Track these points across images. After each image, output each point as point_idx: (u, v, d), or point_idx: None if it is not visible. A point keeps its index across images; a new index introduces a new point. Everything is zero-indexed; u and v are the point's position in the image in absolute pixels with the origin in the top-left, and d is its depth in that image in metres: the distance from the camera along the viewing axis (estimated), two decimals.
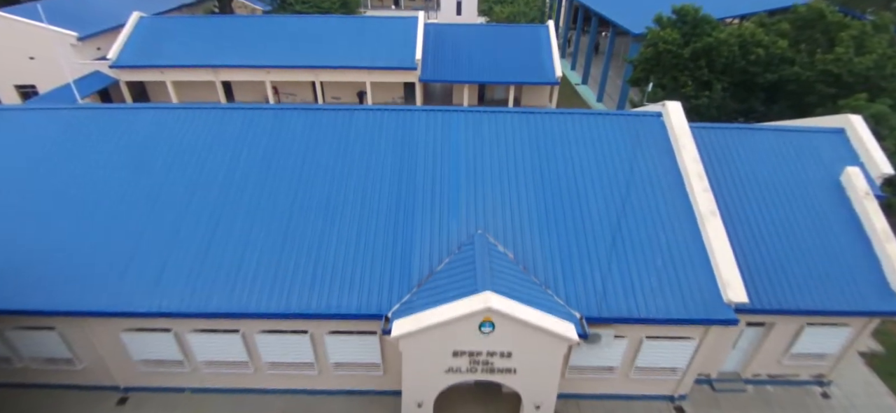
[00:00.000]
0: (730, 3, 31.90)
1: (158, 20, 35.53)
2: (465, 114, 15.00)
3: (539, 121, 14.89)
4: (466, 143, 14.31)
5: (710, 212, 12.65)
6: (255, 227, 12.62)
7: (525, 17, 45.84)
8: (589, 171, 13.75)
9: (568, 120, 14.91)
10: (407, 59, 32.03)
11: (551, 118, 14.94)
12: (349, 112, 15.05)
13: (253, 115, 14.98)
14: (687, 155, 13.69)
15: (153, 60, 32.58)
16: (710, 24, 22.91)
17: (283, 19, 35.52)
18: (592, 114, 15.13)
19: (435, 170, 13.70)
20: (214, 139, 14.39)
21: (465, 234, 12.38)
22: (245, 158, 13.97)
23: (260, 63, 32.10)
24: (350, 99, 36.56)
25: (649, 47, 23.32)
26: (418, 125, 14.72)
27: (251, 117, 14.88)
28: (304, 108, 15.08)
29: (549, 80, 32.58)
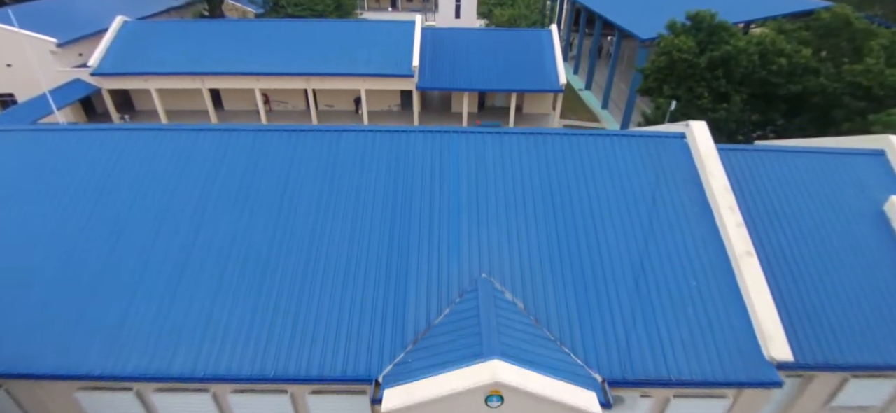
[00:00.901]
0: (745, 7, 30.41)
1: (143, 25, 33.96)
2: (466, 135, 13.47)
3: (549, 143, 13.37)
4: (468, 170, 12.78)
5: (746, 252, 11.15)
6: (228, 269, 11.08)
7: (526, 21, 44.37)
8: (606, 202, 12.23)
9: (581, 142, 13.38)
10: (403, 66, 30.49)
11: (562, 140, 13.42)
12: (337, 134, 13.51)
13: (229, 137, 13.42)
14: (716, 184, 12.19)
15: (136, 67, 30.99)
16: (727, 31, 21.43)
17: (274, 24, 33.98)
18: (608, 134, 13.62)
19: (433, 201, 12.16)
20: (186, 165, 12.83)
21: (468, 278, 10.86)
22: (219, 188, 12.42)
23: (249, 70, 30.54)
24: (345, 106, 35.05)
25: (662, 56, 21.82)
26: (414, 149, 13.19)
27: (227, 140, 13.33)
28: (286, 130, 13.54)
29: (553, 87, 31.09)
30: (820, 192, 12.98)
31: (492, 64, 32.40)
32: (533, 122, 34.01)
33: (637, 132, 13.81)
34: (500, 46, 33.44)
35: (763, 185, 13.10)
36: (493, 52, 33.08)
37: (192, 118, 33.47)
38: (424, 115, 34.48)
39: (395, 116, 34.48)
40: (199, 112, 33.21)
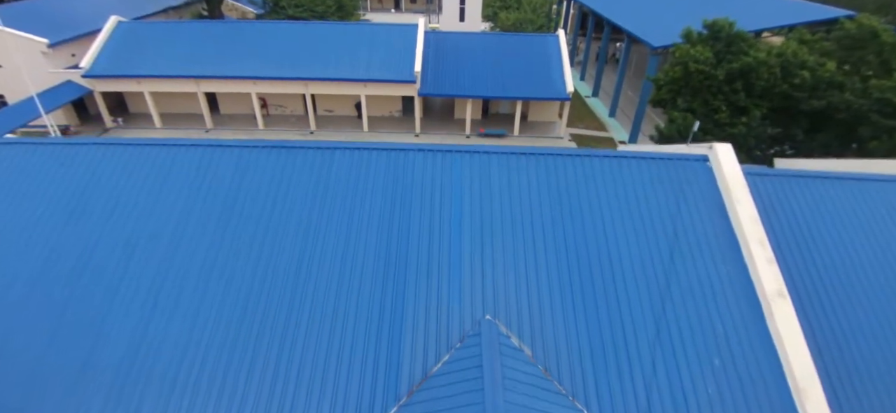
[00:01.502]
0: (759, 16, 29.24)
1: (138, 26, 32.99)
2: (469, 155, 12.37)
3: (560, 164, 12.26)
4: (472, 195, 11.69)
5: (777, 292, 10.01)
6: (203, 308, 10.00)
7: (532, 25, 43.24)
8: (624, 234, 11.11)
9: (595, 164, 12.27)
10: (405, 72, 29.44)
11: (574, 161, 12.31)
12: (329, 152, 12.43)
13: (212, 154, 12.35)
14: (744, 214, 11.06)
15: (129, 70, 30.03)
16: (746, 41, 20.28)
17: (273, 26, 32.98)
18: (624, 156, 12.49)
19: (432, 230, 11.07)
20: (163, 186, 11.77)
21: (470, 319, 9.76)
22: (199, 212, 11.35)
23: (245, 74, 29.53)
24: (345, 111, 34.03)
25: (677, 66, 20.68)
26: (413, 169, 12.10)
27: (209, 157, 12.26)
28: (274, 146, 12.46)
29: (560, 96, 30.01)
30: (857, 222, 11.85)
31: (497, 70, 31.33)
32: (538, 130, 32.92)
33: (655, 154, 12.69)
34: (506, 52, 32.36)
35: (793, 213, 11.97)
36: (498, 58, 32.01)
37: (187, 122, 32.54)
38: (426, 120, 33.42)
39: (397, 122, 33.43)
40: (195, 116, 32.26)
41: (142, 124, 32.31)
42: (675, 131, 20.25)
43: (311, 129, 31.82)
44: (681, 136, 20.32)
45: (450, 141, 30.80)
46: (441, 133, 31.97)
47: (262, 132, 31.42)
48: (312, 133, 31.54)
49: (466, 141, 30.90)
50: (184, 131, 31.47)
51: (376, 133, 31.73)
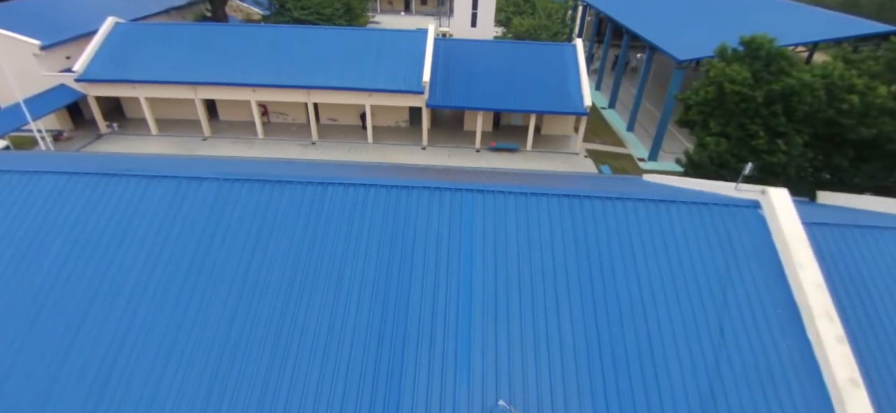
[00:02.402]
0: (796, 29, 27.29)
1: (136, 27, 31.67)
2: (481, 195, 10.72)
3: (588, 209, 10.57)
4: (484, 246, 10.03)
5: (850, 380, 8.28)
6: (167, 372, 8.46)
7: (547, 31, 41.48)
8: (663, 298, 9.40)
9: (629, 209, 10.56)
10: (413, 82, 27.83)
11: (604, 206, 10.60)
12: (321, 188, 10.82)
13: (187, 188, 10.79)
14: (808, 279, 9.31)
15: (125, 74, 28.70)
16: (788, 60, 18.43)
17: (275, 30, 31.50)
18: (663, 201, 10.76)
19: (437, 290, 9.43)
20: (131, 224, 10.23)
21: (480, 406, 8.12)
22: (168, 257, 9.79)
23: (244, 81, 28.07)
24: (349, 121, 32.50)
25: (710, 86, 18.85)
26: (416, 212, 10.46)
27: (184, 192, 10.70)
28: (258, 180, 10.87)
29: (577, 110, 28.27)
30: None
31: (510, 81, 29.64)
32: (553, 144, 31.17)
33: (698, 197, 10.94)
34: (520, 61, 30.66)
35: (861, 276, 10.18)
36: (511, 68, 30.32)
37: (184, 128, 31.16)
38: (434, 132, 31.79)
39: (403, 133, 31.83)
40: (193, 122, 30.87)
41: (138, 130, 30.97)
42: (706, 158, 18.44)
43: (313, 139, 30.31)
44: (712, 162, 18.51)
45: (459, 155, 29.15)
46: (449, 146, 30.33)
47: (261, 142, 29.94)
48: (314, 143, 30.02)
49: (476, 155, 29.24)
50: (180, 139, 30.08)
51: (381, 145, 30.15)
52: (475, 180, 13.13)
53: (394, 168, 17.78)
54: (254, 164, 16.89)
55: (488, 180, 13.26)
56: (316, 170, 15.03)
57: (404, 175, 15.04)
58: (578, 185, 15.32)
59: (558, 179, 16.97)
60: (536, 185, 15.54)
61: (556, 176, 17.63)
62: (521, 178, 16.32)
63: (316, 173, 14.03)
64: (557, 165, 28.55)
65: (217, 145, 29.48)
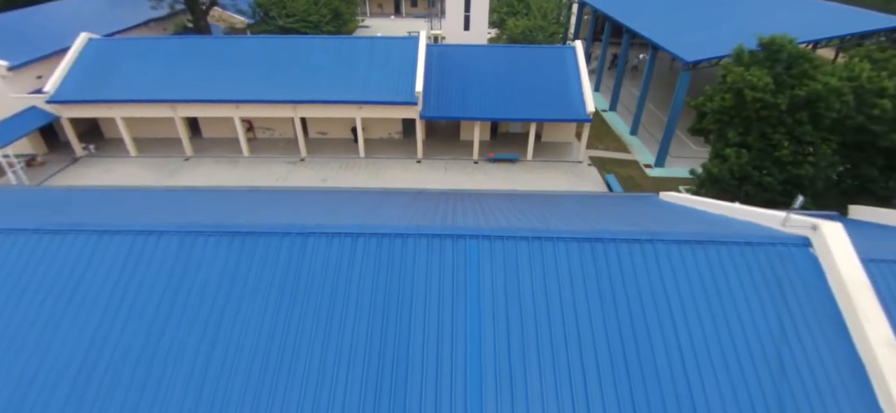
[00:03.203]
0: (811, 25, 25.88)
1: (110, 43, 29.97)
2: (489, 242, 9.19)
3: (613, 255, 9.06)
4: (494, 302, 8.51)
5: None
6: None
7: (543, 32, 39.98)
8: (709, 363, 7.92)
9: (661, 255, 9.06)
10: (405, 92, 26.29)
11: (633, 252, 9.10)
12: (301, 239, 9.27)
13: (144, 245, 9.21)
14: (877, 336, 7.86)
15: (99, 93, 27.03)
16: (811, 62, 16.98)
17: (258, 42, 29.84)
18: (697, 241, 9.27)
19: (440, 358, 7.91)
20: (74, 296, 8.66)
21: None
22: (120, 330, 8.24)
23: (227, 97, 26.45)
24: (340, 134, 30.91)
25: (727, 92, 17.38)
26: (413, 266, 8.93)
27: (139, 254, 9.12)
28: (226, 233, 9.30)
29: (580, 117, 26.79)
30: None
31: (507, 87, 28.13)
32: (554, 152, 29.69)
33: (736, 234, 9.44)
34: (517, 66, 29.14)
35: None
36: (508, 74, 28.80)
37: (165, 148, 29.49)
38: (430, 143, 30.24)
39: (397, 146, 30.26)
40: (174, 141, 29.20)
41: (116, 152, 29.27)
42: (726, 171, 16.98)
43: (302, 155, 28.70)
44: (733, 176, 17.05)
45: (456, 168, 27.61)
46: (446, 158, 28.79)
47: (246, 161, 28.30)
48: (303, 160, 28.42)
49: (474, 168, 27.71)
50: (161, 160, 28.41)
51: (374, 159, 28.58)
52: (481, 217, 11.63)
53: (386, 194, 16.24)
54: (232, 195, 15.32)
55: (494, 217, 11.75)
56: (299, 202, 13.48)
57: (398, 204, 13.53)
58: (591, 208, 13.85)
59: (566, 200, 15.49)
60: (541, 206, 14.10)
61: (564, 196, 16.14)
62: (528, 202, 14.84)
63: (300, 206, 12.51)
64: (560, 175, 27.07)
65: (199, 166, 27.83)
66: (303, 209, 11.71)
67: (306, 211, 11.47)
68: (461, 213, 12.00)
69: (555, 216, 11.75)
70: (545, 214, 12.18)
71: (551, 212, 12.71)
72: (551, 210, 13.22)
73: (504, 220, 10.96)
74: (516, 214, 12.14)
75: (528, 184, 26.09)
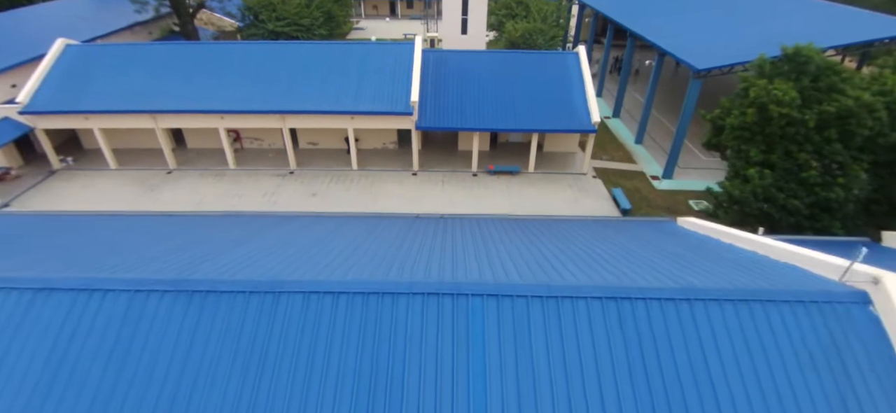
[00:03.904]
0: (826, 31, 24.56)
1: (89, 49, 28.39)
2: (496, 301, 7.78)
3: (642, 316, 7.66)
4: (503, 376, 7.12)
5: None
6: None
7: (543, 36, 38.62)
8: None
9: (699, 316, 7.67)
10: (400, 103, 24.85)
11: (666, 312, 7.70)
12: (272, 298, 7.84)
13: (85, 307, 7.77)
14: None
15: (75, 104, 25.48)
16: (839, 74, 15.63)
17: (245, 48, 28.34)
18: (741, 300, 7.88)
19: None
20: (4, 359, 7.21)
21: None
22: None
23: (211, 107, 24.96)
24: (332, 144, 29.45)
25: (751, 107, 16.01)
26: (406, 330, 7.51)
27: (79, 316, 7.68)
28: (184, 291, 7.87)
29: (584, 127, 25.43)
30: None
31: (508, 96, 26.73)
32: (557, 163, 28.30)
33: (788, 294, 8.04)
34: (518, 74, 27.75)
35: None
36: (508, 81, 27.40)
37: (147, 159, 27.97)
38: (426, 153, 28.82)
39: (392, 156, 28.82)
40: (157, 152, 27.65)
41: (95, 164, 27.72)
42: (749, 193, 15.61)
43: (291, 167, 27.23)
44: (756, 198, 15.70)
45: (454, 182, 26.20)
46: (443, 170, 27.37)
47: (232, 173, 26.81)
48: (292, 173, 26.94)
49: (473, 181, 26.31)
50: (142, 172, 26.89)
51: (368, 172, 27.14)
52: (484, 257, 10.22)
53: (379, 220, 14.80)
54: (203, 225, 13.86)
55: (498, 256, 10.33)
56: (278, 236, 12.04)
57: (390, 238, 12.11)
58: (605, 239, 12.47)
59: (576, 228, 14.10)
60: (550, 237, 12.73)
61: (573, 223, 14.75)
62: (535, 231, 13.44)
63: (277, 244, 11.08)
64: (564, 189, 25.68)
65: (182, 179, 26.32)
66: (279, 249, 10.27)
67: (282, 252, 10.03)
68: (461, 252, 10.59)
69: (567, 255, 10.36)
70: (556, 251, 10.79)
71: (562, 246, 11.32)
72: (562, 242, 11.84)
73: (511, 264, 9.56)
74: (523, 251, 10.75)
75: (529, 198, 24.72)
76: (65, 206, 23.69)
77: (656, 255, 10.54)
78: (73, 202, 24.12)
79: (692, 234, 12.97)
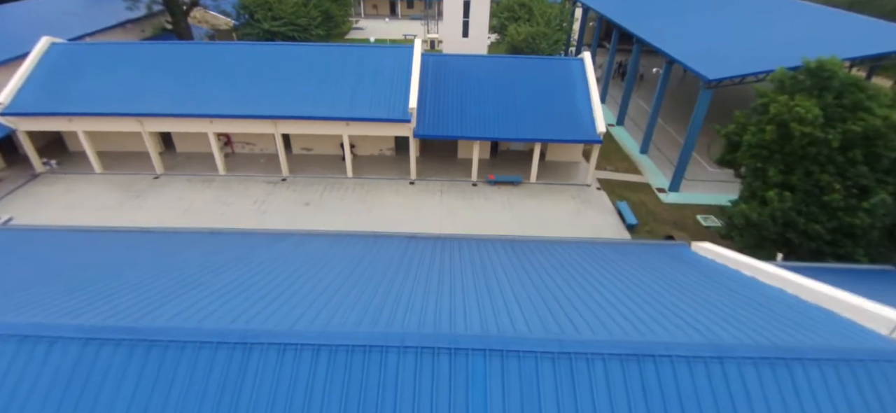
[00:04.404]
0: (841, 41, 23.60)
1: (75, 48, 27.29)
2: (500, 359, 6.78)
3: (668, 380, 6.67)
4: None
5: None
6: None
7: (546, 40, 37.65)
8: None
9: (732, 376, 6.68)
10: (397, 109, 23.85)
11: (694, 372, 6.71)
12: (242, 353, 6.81)
13: (28, 362, 6.74)
14: None
15: (58, 105, 24.44)
16: (864, 91, 14.67)
17: (236, 49, 27.25)
18: (778, 357, 6.90)
19: None
20: None
21: None
22: None
23: (200, 111, 23.92)
24: (327, 150, 28.44)
25: (771, 124, 15.03)
26: (396, 394, 6.50)
27: (20, 373, 6.64)
28: (142, 341, 6.85)
29: (589, 137, 24.46)
30: None
31: (510, 103, 25.74)
32: (559, 173, 27.33)
33: (831, 351, 7.05)
34: (520, 80, 26.77)
35: None
36: (511, 88, 26.42)
37: (135, 163, 26.93)
38: (424, 161, 27.83)
39: (389, 163, 27.81)
40: (144, 155, 26.61)
41: (80, 168, 26.66)
42: (768, 217, 14.64)
43: (284, 174, 26.19)
44: (775, 222, 14.73)
45: (453, 191, 25.20)
46: (442, 178, 26.37)
47: (222, 179, 25.77)
48: (284, 180, 25.91)
49: (473, 191, 25.32)
50: (129, 177, 25.83)
51: (363, 180, 26.13)
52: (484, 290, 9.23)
53: (374, 240, 13.80)
54: (180, 243, 12.83)
55: (500, 289, 9.33)
56: (259, 262, 11.02)
57: (383, 266, 11.11)
58: (616, 268, 11.50)
59: (583, 253, 13.12)
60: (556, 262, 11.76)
61: (579, 246, 13.76)
62: (539, 256, 12.46)
63: (256, 274, 10.06)
64: (567, 201, 24.71)
65: (170, 185, 25.26)
66: (257, 281, 9.26)
67: (260, 285, 9.02)
68: (460, 287, 9.59)
69: (576, 292, 9.37)
70: (563, 286, 9.80)
71: (569, 281, 10.33)
72: (569, 275, 10.85)
73: (515, 303, 8.57)
74: (527, 286, 9.76)
75: (531, 210, 23.73)
76: (43, 213, 22.64)
77: (674, 292, 9.56)
78: (52, 208, 23.05)
79: (709, 264, 11.99)
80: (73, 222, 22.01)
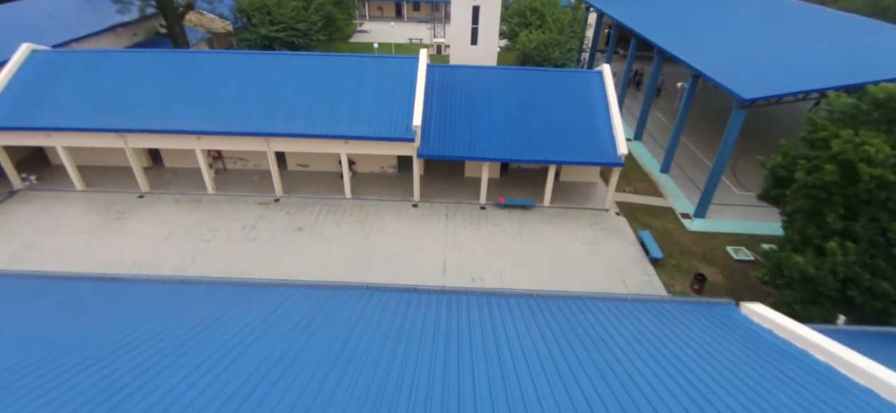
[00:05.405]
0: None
1: (57, 56, 25.56)
2: None
3: None
4: None
5: None
6: None
7: (560, 48, 35.56)
8: None
9: None
10: (400, 127, 21.91)
11: None
12: None
13: None
14: None
15: (35, 119, 22.72)
16: None
17: (227, 59, 25.32)
18: None
19: None
20: None
21: None
22: None
23: (186, 127, 22.09)
24: (323, 167, 26.56)
25: (831, 162, 12.91)
26: None
27: None
28: None
29: (609, 159, 22.43)
30: None
31: (522, 121, 23.74)
32: (575, 196, 25.27)
33: None
34: (534, 94, 24.75)
35: None
36: (523, 103, 24.41)
37: (119, 179, 25.15)
38: (429, 180, 25.86)
39: (390, 183, 25.88)
40: (128, 170, 24.80)
41: (61, 184, 24.93)
42: (827, 272, 12.54)
43: (277, 195, 24.32)
44: (836, 277, 12.62)
45: (460, 216, 23.23)
46: (448, 201, 24.41)
47: (211, 199, 23.92)
48: (277, 200, 24.04)
49: (482, 215, 23.35)
50: (112, 195, 24.07)
51: (363, 201, 24.20)
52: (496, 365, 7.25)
53: (372, 294, 11.85)
54: (146, 296, 10.93)
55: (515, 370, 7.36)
56: (231, 336, 9.09)
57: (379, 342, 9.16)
58: (652, 343, 9.52)
59: (611, 316, 11.12)
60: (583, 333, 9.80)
61: (608, 304, 11.75)
62: (560, 319, 10.47)
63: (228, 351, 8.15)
64: (583, 229, 22.66)
65: (154, 206, 23.45)
66: (212, 385, 7.32)
67: (215, 392, 7.09)
68: (470, 383, 7.63)
69: (615, 394, 7.38)
70: (599, 381, 7.82)
71: (598, 363, 8.35)
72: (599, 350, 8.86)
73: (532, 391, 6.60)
74: (552, 378, 7.78)
75: (544, 240, 21.71)
76: (15, 237, 20.89)
77: (734, 392, 7.54)
78: (27, 232, 21.29)
79: (767, 339, 9.93)
80: (46, 247, 20.28)
